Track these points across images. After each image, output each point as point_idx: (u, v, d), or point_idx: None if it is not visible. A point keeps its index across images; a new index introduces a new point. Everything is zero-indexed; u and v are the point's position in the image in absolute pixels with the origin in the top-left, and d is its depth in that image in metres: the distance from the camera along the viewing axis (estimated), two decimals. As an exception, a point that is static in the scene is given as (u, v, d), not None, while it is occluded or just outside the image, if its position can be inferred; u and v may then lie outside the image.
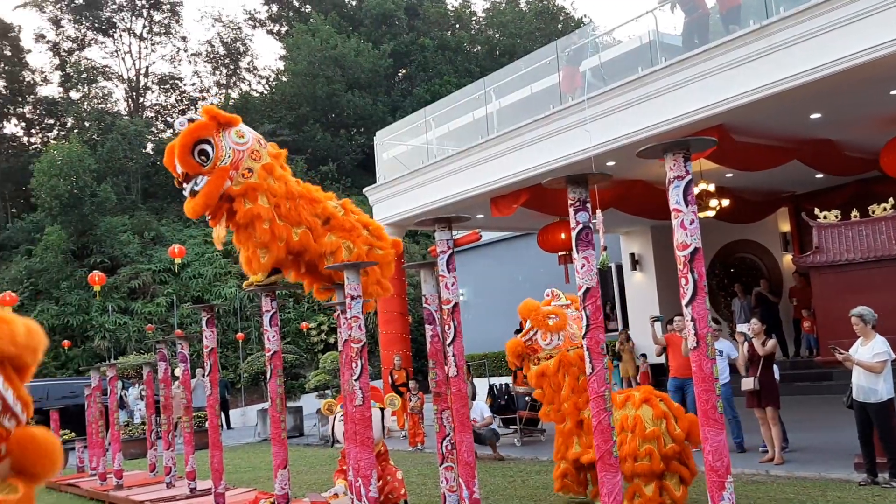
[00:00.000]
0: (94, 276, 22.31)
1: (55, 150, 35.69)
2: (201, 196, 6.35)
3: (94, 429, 12.69)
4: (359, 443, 5.70)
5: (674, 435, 6.56)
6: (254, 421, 20.92)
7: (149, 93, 50.78)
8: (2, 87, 45.47)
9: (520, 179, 12.72)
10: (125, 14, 49.12)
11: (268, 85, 52.19)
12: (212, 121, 6.45)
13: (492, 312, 20.80)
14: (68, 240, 33.42)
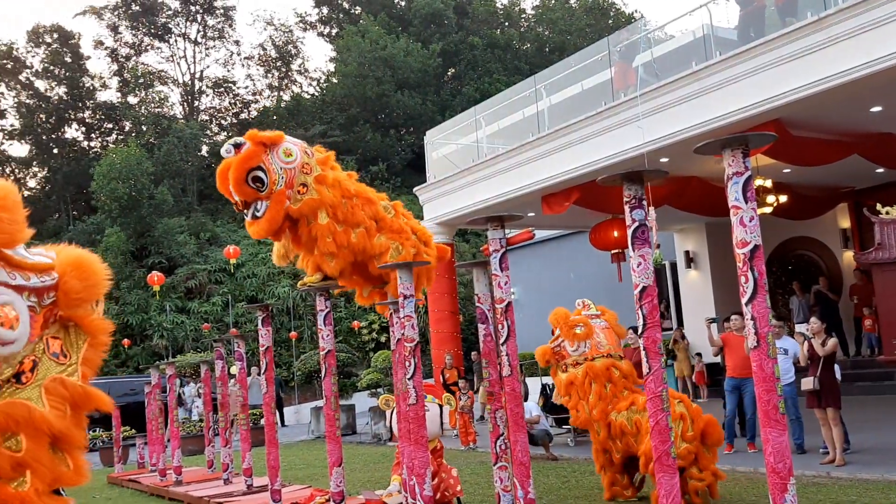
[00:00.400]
0: (154, 277, 22.84)
1: (114, 154, 36.62)
2: (265, 221, 6.56)
3: (154, 425, 12.97)
4: (413, 441, 5.72)
5: (686, 437, 6.82)
6: (307, 418, 21.18)
7: (203, 96, 51.79)
8: (63, 92, 46.82)
9: (571, 177, 12.63)
10: (180, 19, 50.15)
11: (319, 87, 52.76)
12: (258, 146, 6.55)
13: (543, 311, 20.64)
14: (127, 241, 34.26)
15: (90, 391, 3.14)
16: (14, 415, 2.87)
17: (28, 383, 2.97)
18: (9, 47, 45.73)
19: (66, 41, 47.12)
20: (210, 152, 44.64)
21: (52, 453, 2.99)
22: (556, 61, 21.30)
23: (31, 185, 47.20)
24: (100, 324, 3.30)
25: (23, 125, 45.67)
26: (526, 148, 13.62)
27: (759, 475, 8.35)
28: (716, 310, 16.44)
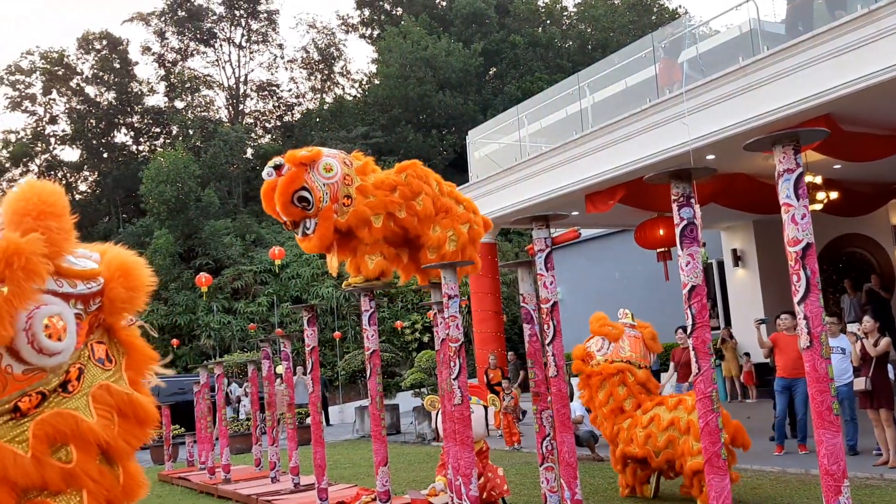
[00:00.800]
0: (201, 278, 23.21)
1: (162, 158, 37.34)
2: (316, 238, 6.73)
3: (203, 424, 13.18)
4: (458, 442, 5.73)
5: None
6: (352, 418, 21.32)
7: (248, 100, 52.50)
8: (112, 98, 47.86)
9: (616, 175, 12.51)
10: (225, 24, 50.91)
11: (361, 88, 53.11)
12: (299, 166, 6.67)
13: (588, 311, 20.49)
14: (175, 243, 34.88)
15: (135, 398, 3.08)
16: (61, 426, 2.84)
17: (75, 392, 2.93)
18: (60, 54, 46.91)
19: (114, 47, 48.17)
20: (255, 155, 45.25)
21: (102, 465, 2.99)
22: (598, 59, 21.13)
23: (82, 189, 48.38)
24: (134, 340, 3.29)
25: (74, 130, 46.81)
26: (569, 146, 13.54)
27: (811, 477, 8.19)
28: (764, 308, 16.15)
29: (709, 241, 16.97)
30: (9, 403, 2.78)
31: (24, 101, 46.87)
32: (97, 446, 2.93)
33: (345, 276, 7.55)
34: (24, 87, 46.88)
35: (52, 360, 2.89)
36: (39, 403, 2.84)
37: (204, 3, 50.03)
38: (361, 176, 6.91)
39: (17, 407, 2.79)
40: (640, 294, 19.68)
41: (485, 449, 7.46)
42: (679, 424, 7.30)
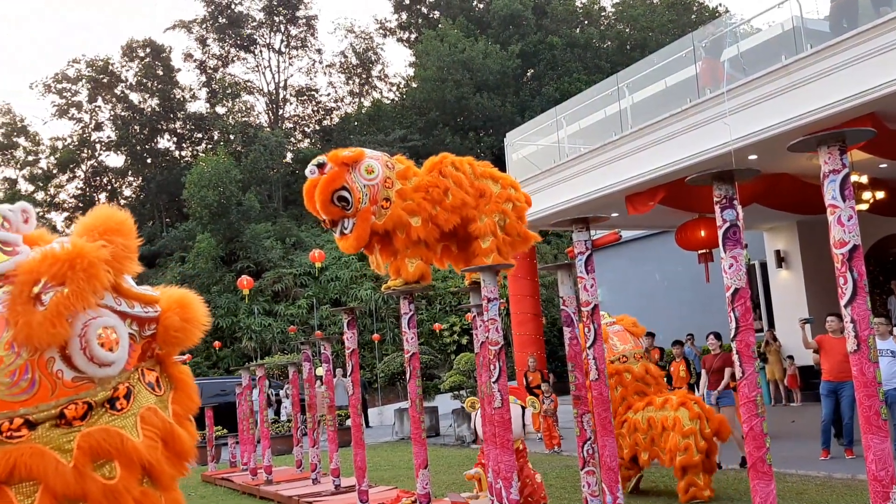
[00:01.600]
0: (243, 281, 23.50)
1: (204, 163, 37.91)
2: (353, 239, 6.81)
3: (245, 426, 13.34)
4: (499, 445, 5.73)
5: (704, 434, 7.84)
6: (391, 420, 21.41)
7: (287, 105, 53.06)
8: (155, 104, 48.72)
9: (656, 176, 12.39)
10: (264, 30, 51.52)
11: (398, 92, 53.34)
12: (341, 166, 6.76)
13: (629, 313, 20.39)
14: (217, 247, 35.38)
15: (177, 431, 3.15)
16: (106, 442, 2.89)
17: (123, 411, 3.00)
18: (105, 62, 47.89)
19: (157, 55, 49.03)
20: (294, 159, 45.73)
21: (146, 487, 3.04)
22: (637, 59, 20.97)
23: (126, 195, 49.30)
24: (184, 376, 3.36)
25: (119, 136, 47.73)
26: (609, 147, 13.45)
27: (858, 482, 8.03)
28: (809, 311, 15.87)
29: (751, 242, 16.71)
30: (55, 409, 2.85)
31: (70, 108, 47.95)
32: (141, 467, 2.99)
33: (383, 278, 7.62)
34: (71, 94, 47.95)
35: (101, 371, 2.96)
36: (85, 414, 2.90)
37: (244, 10, 50.73)
38: (402, 180, 6.96)
39: (62, 413, 2.86)
40: (682, 296, 19.47)
41: (522, 449, 7.44)
42: (666, 423, 7.97)
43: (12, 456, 2.74)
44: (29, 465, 2.75)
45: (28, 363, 2.80)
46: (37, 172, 47.60)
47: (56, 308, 2.77)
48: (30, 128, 48.96)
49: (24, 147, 48.42)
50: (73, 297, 2.81)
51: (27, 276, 2.81)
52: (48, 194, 47.24)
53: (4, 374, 2.77)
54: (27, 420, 2.80)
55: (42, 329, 2.75)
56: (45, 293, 2.82)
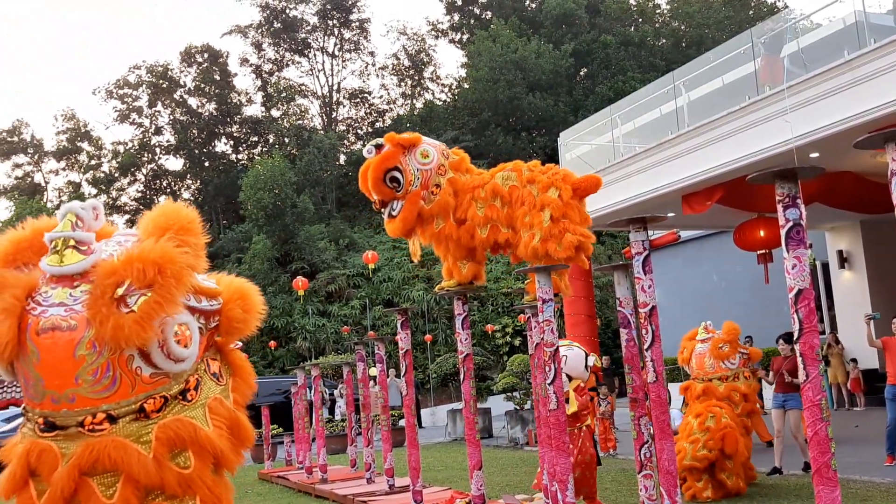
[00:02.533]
0: (298, 281, 23.81)
1: (260, 166, 38.52)
2: (399, 221, 6.74)
3: (301, 424, 13.49)
4: (554, 447, 5.68)
5: (707, 444, 8.01)
6: (443, 421, 21.42)
7: (340, 107, 53.61)
8: (213, 109, 49.71)
9: (714, 175, 12.16)
10: (318, 34, 52.14)
11: (450, 93, 53.44)
12: (396, 147, 6.73)
13: (686, 314, 20.06)
14: (273, 248, 35.91)
15: (241, 419, 3.25)
16: (181, 432, 2.98)
17: (193, 401, 3.08)
18: (164, 68, 49.03)
19: (215, 60, 50.01)
20: (348, 161, 46.14)
21: (214, 475, 3.12)
22: (693, 56, 20.60)
23: (185, 197, 50.36)
24: (242, 363, 3.43)
25: (177, 140, 48.83)
26: (665, 146, 13.24)
27: None
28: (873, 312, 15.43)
29: (812, 243, 16.31)
30: (136, 404, 2.94)
31: (131, 113, 49.21)
32: (212, 456, 3.06)
33: (436, 279, 7.60)
34: (132, 100, 49.21)
35: (177, 366, 3.05)
36: (162, 407, 2.99)
37: (298, 15, 51.41)
38: (455, 171, 6.87)
39: (142, 408, 2.95)
40: (740, 297, 19.08)
41: (585, 429, 7.50)
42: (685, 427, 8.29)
43: (96, 448, 2.84)
44: (112, 457, 2.85)
45: (109, 361, 2.88)
46: (99, 176, 48.95)
47: (147, 312, 2.86)
48: (93, 133, 50.44)
49: (87, 151, 49.87)
50: (164, 302, 2.90)
51: (111, 278, 2.89)
52: (110, 197, 48.54)
53: (87, 372, 2.85)
54: (109, 415, 2.89)
55: (133, 331, 2.84)
56: (130, 295, 2.89)
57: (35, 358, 2.84)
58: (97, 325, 2.84)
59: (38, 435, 2.90)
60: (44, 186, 49.78)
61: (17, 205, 40.30)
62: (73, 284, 2.96)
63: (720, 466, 8.17)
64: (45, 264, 3.00)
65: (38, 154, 49.77)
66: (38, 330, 2.86)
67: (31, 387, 2.90)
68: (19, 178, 49.56)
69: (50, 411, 2.88)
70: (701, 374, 8.67)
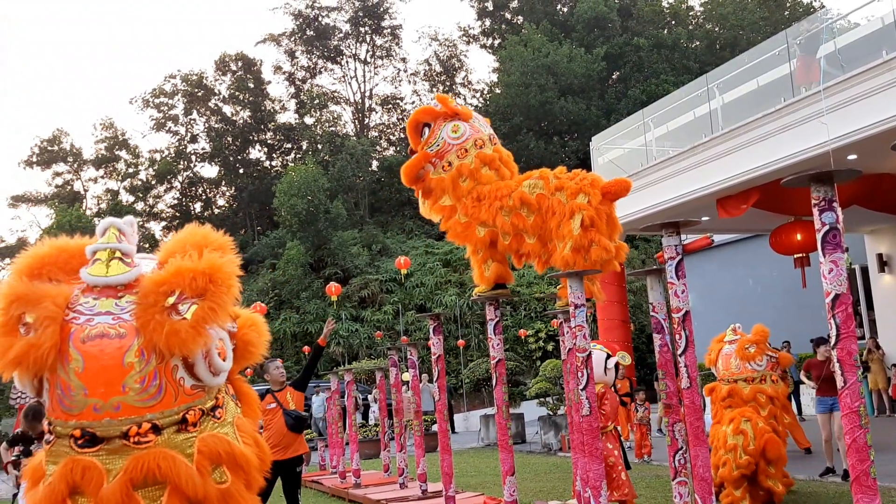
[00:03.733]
0: (331, 287, 23.93)
1: (293, 172, 38.85)
2: (402, 170, 7.04)
3: (335, 429, 13.56)
4: (587, 453, 5.64)
5: (747, 451, 7.88)
6: (476, 426, 21.39)
7: (373, 114, 53.90)
8: (247, 116, 50.26)
9: (749, 178, 12.02)
10: (351, 41, 52.51)
11: (482, 98, 53.46)
12: (442, 108, 7.00)
13: (720, 319, 19.84)
14: (306, 254, 36.17)
15: (261, 441, 3.31)
16: (218, 447, 3.01)
17: (222, 419, 3.12)
18: (199, 76, 49.70)
19: (249, 68, 50.59)
20: (380, 167, 46.36)
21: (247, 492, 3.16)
22: (727, 58, 20.42)
23: (220, 204, 50.97)
24: (249, 391, 3.47)
25: (213, 148, 49.44)
26: (699, 149, 13.13)
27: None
28: (915, 317, 15.11)
29: (851, 246, 16.03)
30: (178, 414, 2.97)
31: (167, 121, 49.93)
32: (245, 473, 3.10)
33: (468, 284, 7.59)
34: (168, 108, 49.94)
35: (215, 380, 3.10)
36: (199, 420, 3.03)
37: (331, 22, 51.83)
38: (478, 161, 6.73)
39: (185, 419, 2.99)
40: (776, 302, 18.82)
41: (612, 430, 7.44)
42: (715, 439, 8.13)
43: (145, 461, 2.86)
44: (162, 469, 2.86)
45: (157, 370, 2.92)
46: (137, 184, 49.71)
47: (202, 318, 2.91)
48: (130, 141, 51.24)
49: (124, 160, 50.67)
50: (217, 310, 2.95)
51: (162, 288, 2.94)
52: (147, 205, 49.27)
53: (134, 380, 2.89)
54: (154, 425, 2.92)
55: (189, 336, 2.88)
56: (182, 304, 2.95)
57: (78, 366, 2.86)
58: (150, 333, 2.88)
59: (77, 451, 2.87)
60: (83, 194, 50.67)
61: (57, 212, 41.05)
62: (118, 295, 3.01)
63: (764, 473, 8.05)
64: (88, 275, 3.05)
65: (77, 162, 50.68)
66: (83, 338, 2.88)
67: (67, 397, 2.88)
68: (59, 186, 50.50)
69: (90, 422, 2.86)
70: (727, 376, 8.47)
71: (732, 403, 8.29)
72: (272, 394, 7.73)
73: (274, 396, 7.71)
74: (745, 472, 7.93)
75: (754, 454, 7.93)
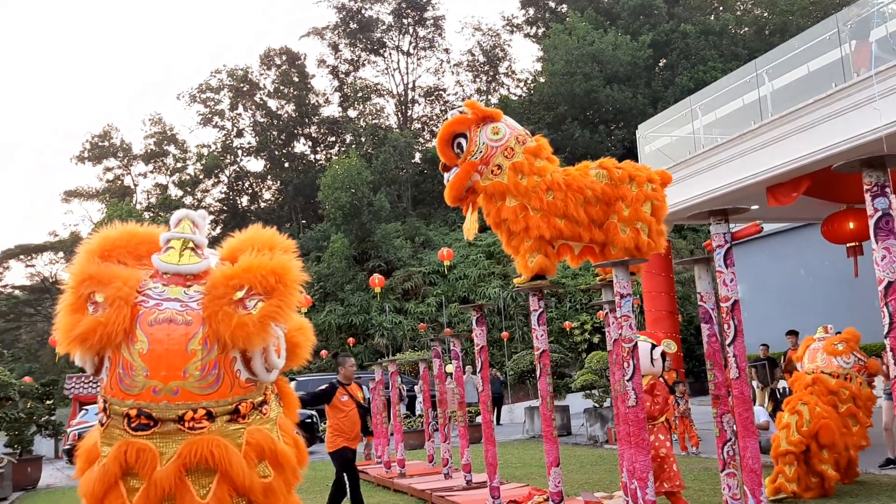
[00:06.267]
0: (375, 279, 24.05)
1: (337, 165, 39.14)
2: (448, 187, 6.80)
3: (380, 420, 13.64)
4: (633, 444, 5.58)
5: (800, 431, 7.90)
6: (521, 418, 21.34)
7: (416, 105, 54.03)
8: (292, 110, 50.73)
9: (800, 165, 11.73)
10: (394, 33, 52.64)
11: (525, 87, 53.20)
12: (473, 115, 6.80)
13: (770, 310, 19.46)
14: (350, 246, 36.43)
15: (300, 442, 3.36)
16: (264, 442, 3.07)
17: (266, 415, 3.18)
18: (245, 72, 50.30)
19: (293, 62, 51.05)
20: (423, 159, 46.44)
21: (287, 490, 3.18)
22: (776, 44, 19.96)
23: (266, 198, 51.63)
24: (290, 391, 3.50)
25: (258, 142, 50.02)
26: (748, 136, 12.85)
27: None
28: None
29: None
30: (231, 405, 3.03)
31: (214, 116, 50.70)
32: (285, 469, 3.13)
33: (511, 275, 7.56)
34: (214, 103, 50.70)
35: (268, 375, 3.16)
36: (249, 413, 3.08)
37: (374, 15, 52.00)
38: (527, 156, 6.72)
39: (237, 409, 3.04)
40: (828, 292, 18.39)
41: (664, 422, 7.35)
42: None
43: (198, 446, 2.91)
44: (215, 455, 2.92)
45: (217, 359, 2.99)
46: (185, 178, 50.59)
47: (269, 314, 2.99)
48: (178, 136, 52.14)
49: (173, 154, 51.60)
50: (283, 308, 3.03)
51: (232, 281, 3.02)
52: (195, 199, 50.12)
53: (195, 367, 2.95)
54: (209, 412, 2.97)
55: (256, 329, 2.97)
56: (249, 299, 3.03)
57: (143, 347, 2.94)
58: (217, 323, 2.95)
59: (131, 434, 2.94)
60: (133, 189, 51.74)
61: (108, 207, 42.00)
62: (187, 284, 3.09)
63: (817, 456, 7.97)
64: (161, 261, 3.13)
65: (127, 158, 51.75)
66: (150, 321, 2.97)
67: (128, 377, 2.95)
68: (110, 181, 51.63)
69: (147, 402, 2.93)
70: (811, 369, 8.37)
71: (815, 391, 8.15)
72: (343, 387, 8.03)
73: (346, 389, 8.03)
74: (794, 451, 7.88)
75: (806, 435, 7.90)
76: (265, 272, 3.01)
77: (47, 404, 16.88)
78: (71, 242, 42.40)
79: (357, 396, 8.09)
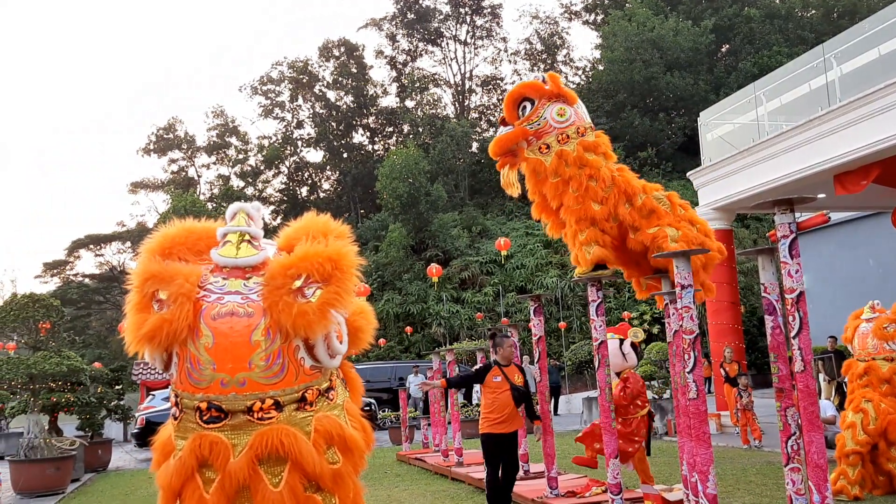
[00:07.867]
0: (432, 269, 24.14)
1: (395, 155, 39.33)
2: (494, 141, 7.04)
3: (437, 408, 13.70)
4: (694, 437, 5.49)
5: (867, 430, 7.69)
6: (579, 409, 21.21)
7: (473, 95, 53.87)
8: (350, 101, 51.13)
9: (870, 152, 11.36)
10: (451, 23, 52.55)
11: (584, 75, 52.59)
12: (552, 87, 6.88)
13: (837, 301, 18.93)
14: (408, 236, 36.62)
15: (367, 425, 3.38)
16: (332, 428, 3.10)
17: (333, 401, 3.21)
18: (304, 63, 50.87)
19: (351, 53, 51.41)
20: (480, 149, 46.33)
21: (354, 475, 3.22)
22: (845, 27, 19.34)
23: (325, 188, 52.19)
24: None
25: (318, 133, 50.58)
26: (815, 123, 12.49)
27: None
28: None
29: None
30: (297, 393, 3.08)
31: (274, 108, 51.39)
32: (353, 456, 3.17)
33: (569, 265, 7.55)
34: (275, 95, 51.37)
35: (332, 362, 3.19)
36: (316, 400, 3.13)
37: (431, 4, 51.99)
38: (579, 148, 6.74)
39: (304, 397, 3.09)
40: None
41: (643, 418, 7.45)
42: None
43: (268, 437, 2.97)
44: (285, 444, 2.98)
45: (281, 349, 3.04)
46: (246, 169, 51.44)
47: (329, 301, 3.02)
48: (240, 128, 53.03)
49: (235, 146, 52.53)
50: (341, 294, 3.06)
51: (290, 271, 3.06)
52: (256, 189, 50.95)
53: (260, 357, 3.01)
54: (276, 401, 3.02)
55: (317, 317, 3.00)
56: (308, 287, 3.07)
57: (208, 341, 2.99)
58: (278, 313, 2.99)
59: (203, 427, 3.00)
60: (196, 180, 52.85)
61: (173, 198, 43.02)
62: (246, 276, 3.15)
63: (885, 455, 7.77)
64: (219, 255, 3.19)
65: (191, 149, 52.87)
66: (213, 315, 3.02)
67: (196, 371, 3.01)
68: (175, 172, 52.84)
69: (216, 395, 2.99)
70: (863, 355, 8.11)
71: (869, 382, 7.94)
72: (499, 367, 7.55)
73: (501, 370, 7.53)
74: (861, 451, 7.68)
75: (874, 434, 7.70)
76: (321, 259, 3.04)
77: (116, 389, 17.43)
78: (138, 232, 43.57)
79: (513, 378, 7.53)
